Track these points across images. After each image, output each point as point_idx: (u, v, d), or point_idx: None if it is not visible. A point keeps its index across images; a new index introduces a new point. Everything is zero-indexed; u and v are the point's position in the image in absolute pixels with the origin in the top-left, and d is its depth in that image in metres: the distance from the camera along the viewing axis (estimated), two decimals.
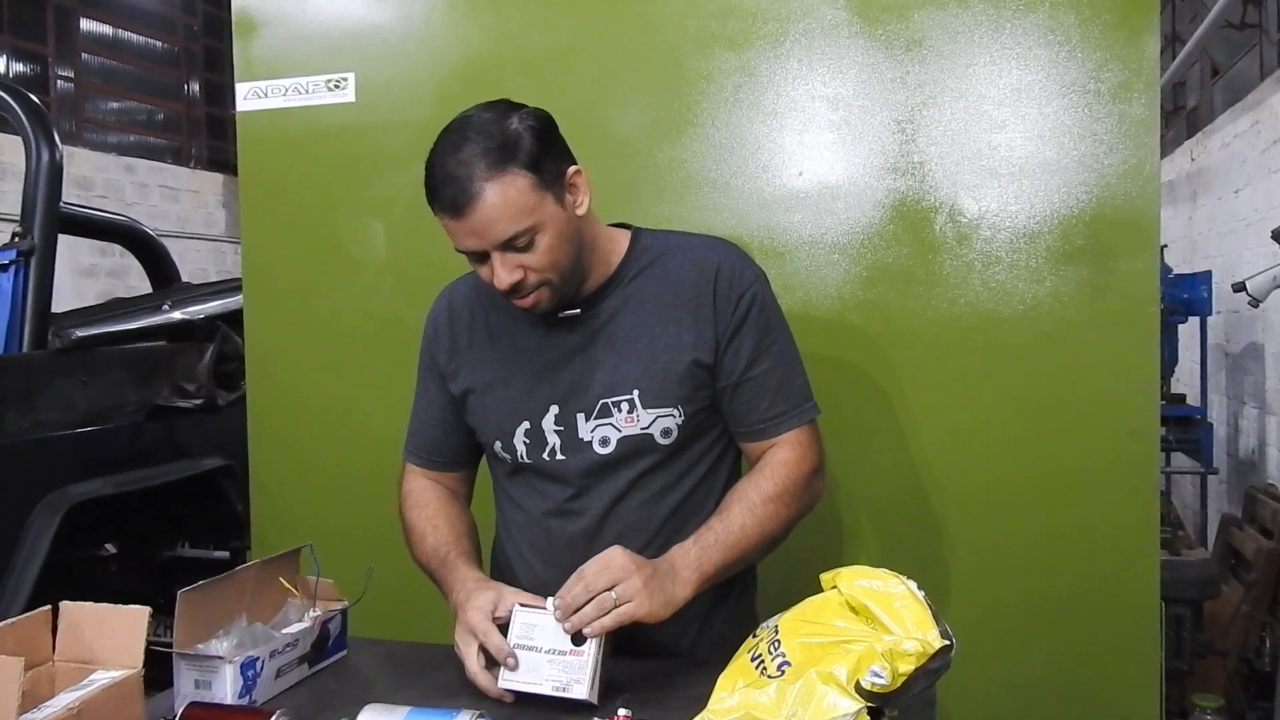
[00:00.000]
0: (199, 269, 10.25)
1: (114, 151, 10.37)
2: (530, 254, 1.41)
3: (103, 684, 1.10)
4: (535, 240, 1.40)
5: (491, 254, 1.41)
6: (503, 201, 1.37)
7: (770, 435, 1.55)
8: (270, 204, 2.37)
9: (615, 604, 1.34)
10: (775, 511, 1.49)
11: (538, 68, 2.15)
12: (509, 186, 1.37)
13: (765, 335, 1.53)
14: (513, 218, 1.38)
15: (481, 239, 1.39)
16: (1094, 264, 1.90)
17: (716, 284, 1.51)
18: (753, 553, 1.50)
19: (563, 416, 1.53)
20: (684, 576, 1.41)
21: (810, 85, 2.02)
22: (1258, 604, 3.71)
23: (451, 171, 1.37)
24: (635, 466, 1.52)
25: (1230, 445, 5.59)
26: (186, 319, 3.50)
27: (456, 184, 1.37)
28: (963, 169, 1.95)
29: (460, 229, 1.40)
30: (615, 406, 1.50)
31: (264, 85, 2.34)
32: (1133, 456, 1.91)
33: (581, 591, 1.35)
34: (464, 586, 1.47)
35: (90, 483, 2.89)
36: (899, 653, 1.10)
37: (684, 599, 1.40)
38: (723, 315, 1.51)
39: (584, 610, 1.34)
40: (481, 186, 1.36)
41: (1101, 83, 1.89)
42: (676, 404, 1.51)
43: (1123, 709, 1.93)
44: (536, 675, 1.34)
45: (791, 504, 1.51)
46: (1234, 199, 5.49)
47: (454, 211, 1.38)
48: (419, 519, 1.62)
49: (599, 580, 1.35)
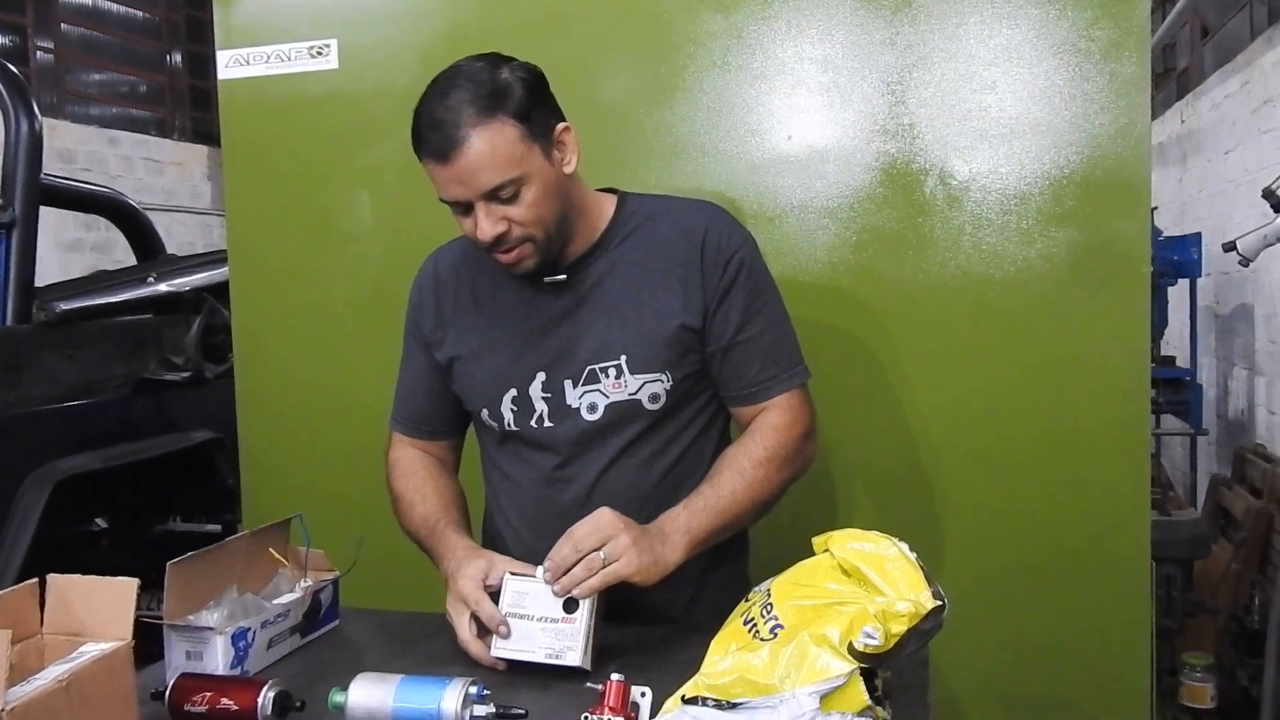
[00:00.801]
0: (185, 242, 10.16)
1: (96, 124, 10.25)
2: (515, 206, 1.39)
3: (92, 656, 1.09)
4: (521, 192, 1.39)
5: (476, 204, 1.39)
6: (490, 149, 1.35)
7: (761, 399, 1.54)
8: (254, 173, 2.34)
9: (604, 563, 1.34)
10: (766, 476, 1.49)
11: (525, 32, 2.12)
12: (497, 134, 1.36)
13: (754, 299, 1.52)
14: (499, 167, 1.36)
15: (466, 187, 1.38)
16: (1085, 226, 1.90)
17: (704, 248, 1.50)
18: (743, 517, 1.50)
19: (550, 383, 1.52)
20: (674, 540, 1.41)
21: (799, 47, 2.00)
22: (1247, 563, 3.74)
23: (439, 117, 1.36)
24: (624, 433, 1.51)
25: (1220, 406, 5.61)
26: (172, 291, 3.47)
27: (443, 129, 1.35)
28: (953, 130, 1.93)
29: (446, 176, 1.38)
30: (603, 372, 1.49)
31: (245, 53, 2.30)
32: (1124, 418, 1.91)
33: (570, 552, 1.35)
34: (454, 555, 1.46)
35: (78, 457, 2.88)
36: (891, 613, 1.10)
37: (674, 563, 1.40)
38: (710, 279, 1.50)
39: (573, 571, 1.34)
40: (468, 133, 1.35)
41: (1092, 41, 1.87)
42: (664, 369, 1.50)
43: (1114, 667, 1.94)
44: (529, 643, 1.34)
45: (783, 468, 1.51)
46: (1224, 160, 5.48)
47: (440, 158, 1.37)
48: (407, 488, 1.62)
49: (587, 540, 1.35)
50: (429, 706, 1.17)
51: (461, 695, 1.17)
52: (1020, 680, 1.98)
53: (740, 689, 1.11)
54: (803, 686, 1.07)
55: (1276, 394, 4.64)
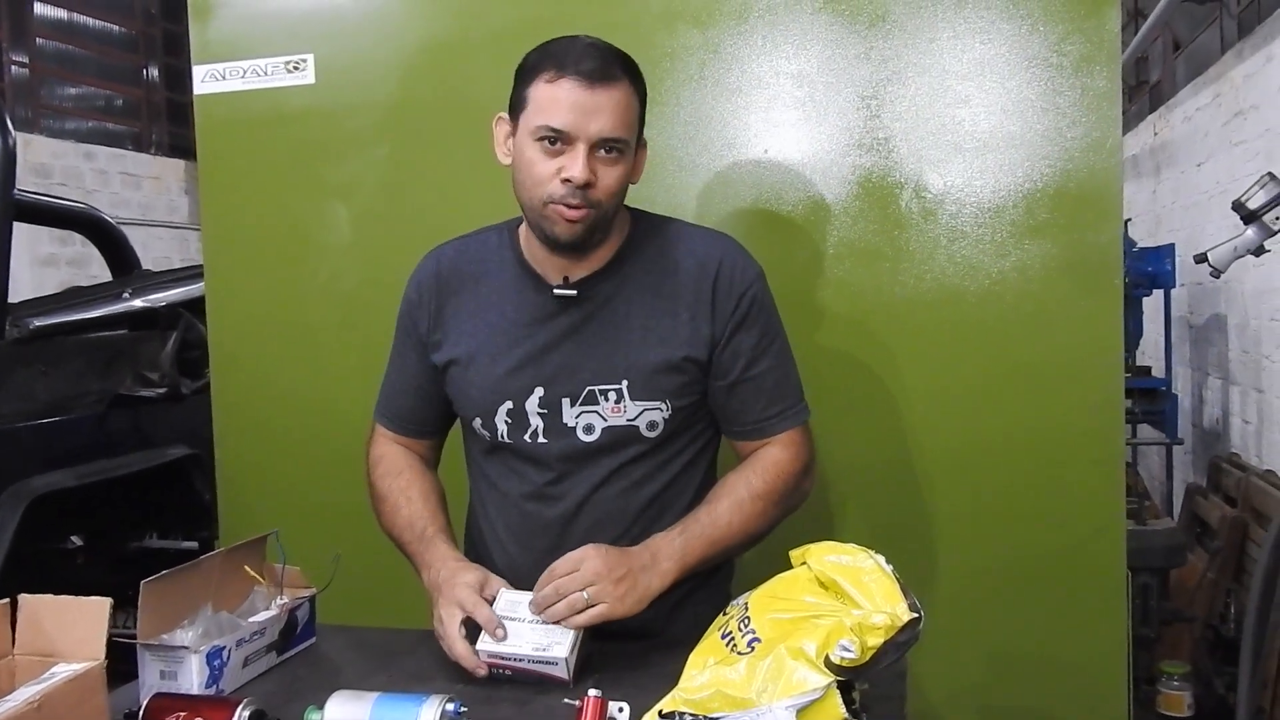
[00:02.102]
0: (163, 257, 10.09)
1: (72, 138, 10.17)
2: (609, 168, 1.41)
3: (64, 677, 1.08)
4: (617, 160, 1.42)
5: (581, 146, 1.38)
6: (627, 104, 1.40)
7: (765, 435, 1.54)
8: (231, 188, 2.33)
9: (587, 604, 1.34)
10: (763, 510, 1.49)
11: (501, 45, 2.10)
12: (632, 98, 1.42)
13: (764, 335, 1.52)
14: (627, 124, 1.40)
15: (592, 121, 1.37)
16: (1058, 237, 1.91)
17: (717, 281, 1.49)
18: (734, 549, 1.51)
19: (547, 399, 1.50)
20: (664, 567, 1.41)
21: (775, 62, 2.01)
22: (1223, 571, 3.77)
23: (595, 49, 1.40)
24: (618, 456, 1.50)
25: (1195, 416, 5.65)
26: (148, 307, 3.45)
27: (604, 60, 1.39)
28: (927, 144, 1.95)
29: (580, 100, 1.37)
30: (602, 395, 1.48)
31: (222, 67, 2.30)
32: (1098, 428, 1.93)
33: (551, 593, 1.35)
34: (446, 565, 1.46)
35: (53, 474, 2.85)
36: (868, 626, 1.10)
37: (659, 590, 1.40)
38: (721, 313, 1.49)
39: (555, 608, 1.34)
40: (619, 76, 1.40)
41: (1064, 56, 1.89)
42: (665, 398, 1.49)
43: (1091, 676, 1.95)
44: (518, 640, 1.34)
45: (779, 503, 1.51)
46: (1196, 172, 5.54)
47: (588, 80, 1.37)
48: (391, 488, 1.60)
49: (570, 584, 1.35)
50: None
51: (438, 712, 1.16)
52: (998, 691, 1.99)
53: (718, 703, 1.11)
54: (780, 700, 1.07)
55: (1250, 403, 4.68)
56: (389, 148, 2.20)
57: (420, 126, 2.18)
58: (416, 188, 2.17)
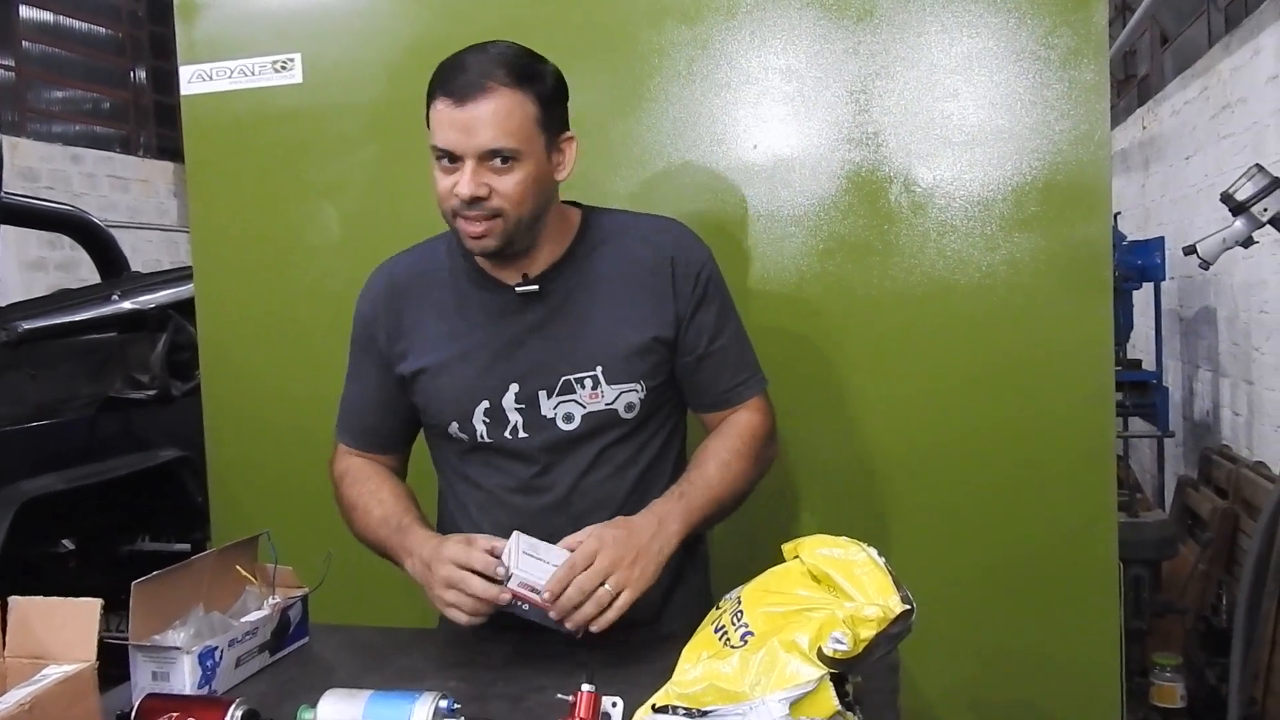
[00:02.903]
0: (152, 260, 10.07)
1: (59, 141, 10.15)
2: (503, 178, 1.41)
3: (55, 678, 1.07)
4: (513, 167, 1.41)
5: (466, 161, 1.40)
6: (505, 112, 1.39)
7: (734, 404, 1.61)
8: (219, 189, 2.32)
9: (613, 597, 1.36)
10: (744, 470, 1.55)
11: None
12: (516, 104, 1.40)
13: (721, 311, 1.59)
14: (507, 132, 1.39)
15: (467, 138, 1.39)
16: (1047, 230, 1.92)
17: (674, 263, 1.55)
18: (727, 508, 1.55)
19: (523, 394, 1.52)
20: (671, 530, 1.45)
21: (763, 57, 2.01)
22: (1214, 563, 3.78)
23: (470, 64, 1.41)
24: (599, 441, 1.54)
25: (1186, 408, 5.67)
26: (137, 309, 3.44)
27: (469, 75, 1.39)
28: (916, 138, 1.95)
29: (452, 119, 1.39)
30: (578, 383, 1.51)
31: (208, 68, 2.28)
32: (1089, 421, 1.93)
33: (575, 594, 1.35)
34: (427, 544, 1.46)
35: (43, 478, 2.84)
36: (860, 618, 1.10)
37: (670, 554, 1.44)
38: (682, 293, 1.54)
39: (583, 610, 1.35)
40: (493, 87, 1.39)
41: (1051, 49, 1.89)
42: (639, 379, 1.53)
43: (1084, 669, 1.96)
44: (545, 573, 1.36)
45: (756, 463, 1.58)
46: (1185, 165, 5.56)
47: (455, 98, 1.39)
48: (360, 494, 1.60)
49: (591, 581, 1.36)
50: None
51: (432, 709, 1.16)
52: (990, 683, 1.99)
53: (711, 697, 1.11)
54: (773, 693, 1.07)
55: (1240, 395, 4.70)
56: (377, 147, 2.20)
57: (409, 125, 2.15)
58: (405, 187, 2.16)
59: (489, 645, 1.49)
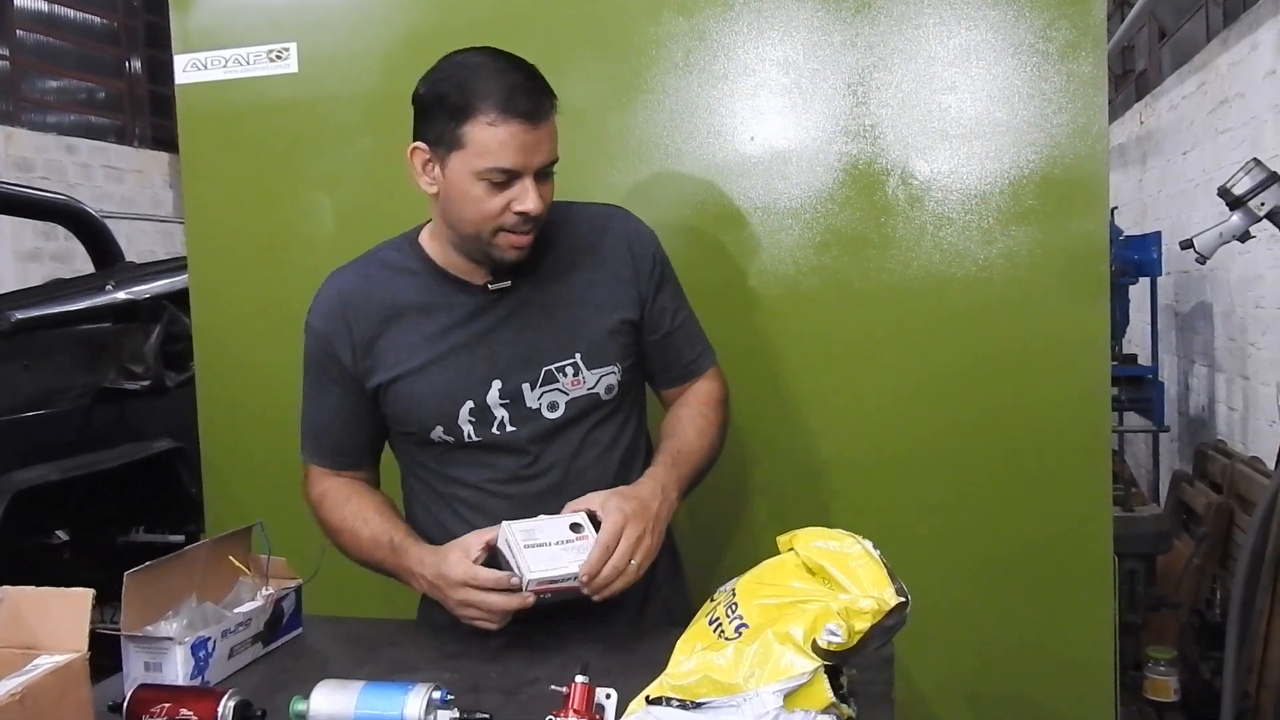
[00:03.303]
0: (147, 251, 10.04)
1: (54, 131, 10.12)
2: (546, 188, 1.46)
3: (47, 668, 1.07)
4: (552, 177, 1.47)
5: (528, 177, 1.42)
6: (555, 128, 1.46)
7: (695, 375, 1.69)
8: (214, 179, 2.31)
9: (637, 570, 1.41)
10: (715, 435, 1.64)
11: (485, 35, 2.07)
12: (555, 120, 1.46)
13: (676, 289, 1.67)
14: (555, 146, 1.46)
15: (537, 153, 1.42)
16: (1044, 224, 1.91)
17: (630, 246, 1.60)
18: (703, 471, 1.62)
19: (507, 390, 1.53)
20: (672, 497, 1.51)
21: (760, 49, 2.00)
22: (1208, 557, 3.79)
23: (534, 84, 1.43)
24: (584, 424, 1.57)
25: (1181, 403, 5.68)
26: (131, 299, 3.43)
27: (536, 94, 1.42)
28: (914, 131, 1.94)
29: (527, 139, 1.40)
30: (560, 372, 1.54)
31: (203, 57, 2.27)
32: (1084, 415, 1.93)
33: (611, 573, 1.38)
34: (427, 560, 1.46)
35: (37, 469, 2.84)
36: (855, 610, 1.10)
37: (669, 516, 1.50)
38: (642, 274, 1.60)
39: (614, 586, 1.39)
40: (551, 104, 1.45)
41: (1050, 42, 1.89)
42: (615, 361, 1.58)
43: (1078, 662, 1.96)
44: (556, 562, 1.38)
45: (722, 428, 1.66)
46: (1182, 160, 5.56)
47: (532, 121, 1.40)
48: (344, 517, 1.58)
49: (623, 559, 1.39)
50: (392, 713, 1.16)
51: (425, 701, 1.16)
52: (985, 677, 1.99)
53: (705, 689, 1.11)
54: (767, 685, 1.07)
55: (1236, 390, 4.71)
56: (373, 138, 2.18)
57: (404, 116, 2.12)
58: (401, 178, 2.12)
59: (482, 637, 1.48)
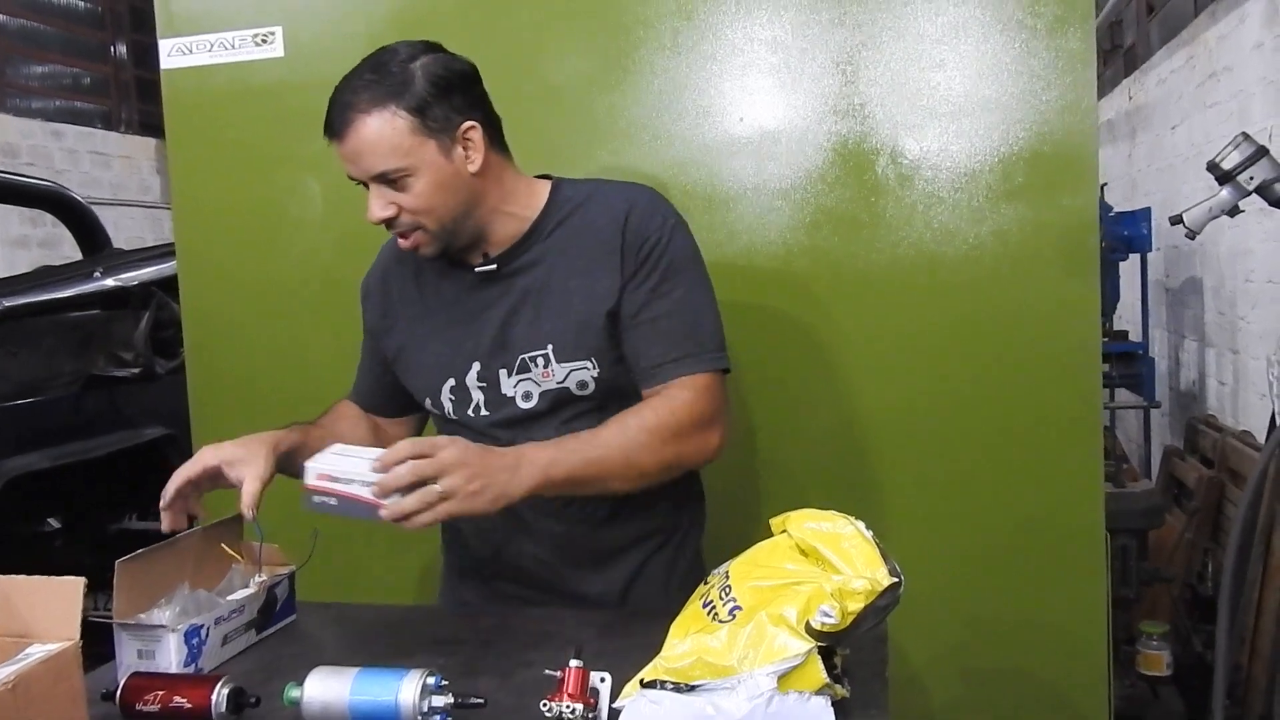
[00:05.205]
0: (135, 237, 10.00)
1: (39, 117, 10.04)
2: (405, 194, 1.44)
3: (39, 657, 1.06)
4: (409, 182, 1.43)
5: (371, 186, 1.45)
6: (376, 136, 1.40)
7: (661, 380, 1.48)
8: (201, 164, 2.30)
9: (440, 497, 1.29)
10: (648, 443, 1.43)
11: (474, 16, 2.09)
12: (385, 123, 1.40)
13: (666, 279, 1.49)
14: (384, 154, 1.41)
15: (356, 167, 1.44)
16: (1034, 201, 1.91)
17: (625, 229, 1.49)
18: (613, 477, 1.43)
19: (485, 373, 1.53)
20: (525, 473, 1.35)
21: (749, 28, 1.99)
22: (1200, 531, 3.80)
23: (338, 97, 1.43)
24: (557, 418, 1.51)
25: (1172, 379, 5.69)
26: (120, 286, 3.41)
27: (336, 109, 1.43)
28: (903, 109, 1.94)
29: (340, 154, 1.45)
30: (532, 361, 1.51)
31: (188, 41, 2.25)
32: (1076, 391, 1.93)
33: (406, 472, 1.28)
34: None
35: (26, 456, 2.83)
36: (848, 591, 1.10)
37: (517, 496, 1.35)
38: (628, 260, 1.49)
39: (406, 502, 1.28)
40: (356, 116, 1.41)
41: (1038, 18, 1.88)
42: (590, 356, 1.49)
43: (1072, 638, 1.97)
44: (354, 468, 1.31)
45: (670, 442, 1.44)
46: (1171, 135, 5.55)
47: (331, 134, 1.44)
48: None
49: (426, 468, 1.29)
50: (386, 698, 1.15)
51: (419, 686, 1.16)
52: (979, 653, 2.01)
53: (699, 671, 1.11)
54: (761, 667, 1.07)
55: (1226, 365, 4.72)
56: None
57: None
58: None
59: (477, 621, 1.49)
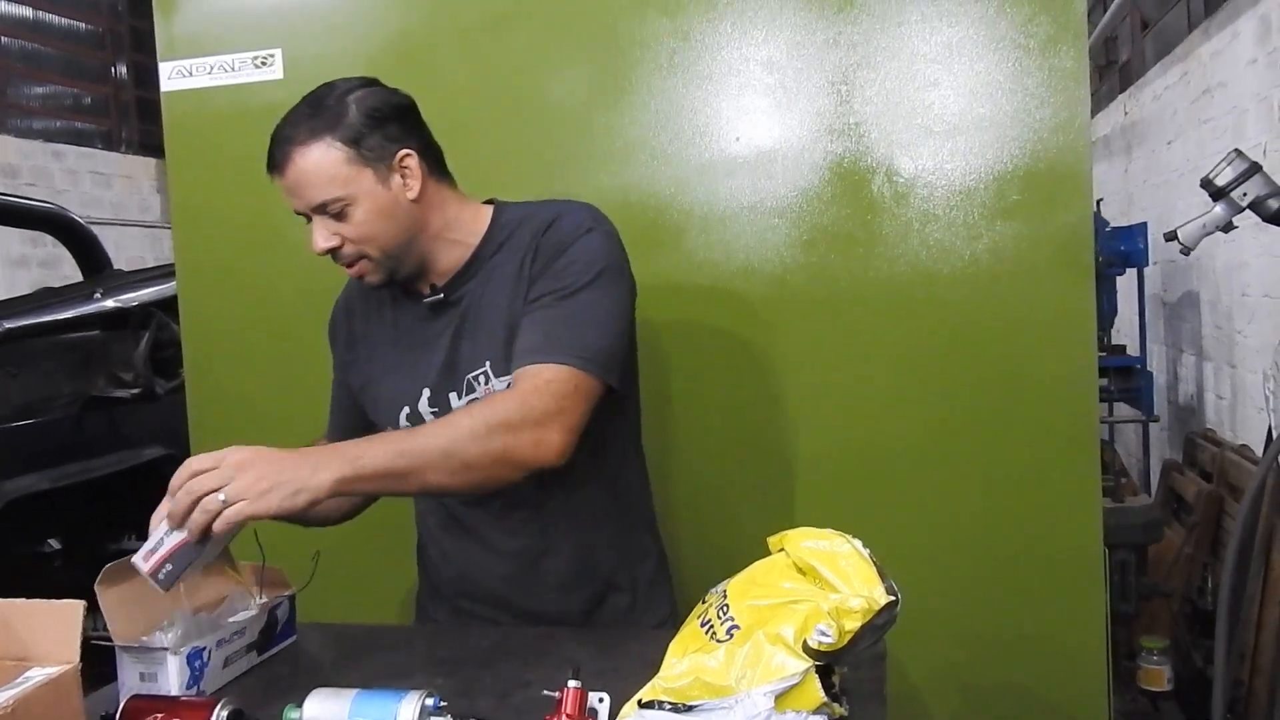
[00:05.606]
0: (135, 257, 10.00)
1: (40, 138, 10.07)
2: (345, 224, 1.46)
3: (38, 680, 1.07)
4: (349, 211, 1.46)
5: (312, 217, 1.47)
6: (314, 167, 1.44)
7: (516, 368, 1.43)
8: (200, 185, 2.31)
9: (224, 504, 1.23)
10: (474, 431, 1.34)
11: (471, 38, 2.11)
12: (321, 155, 1.43)
13: (563, 282, 1.45)
14: (322, 184, 1.44)
15: (298, 200, 1.47)
16: (1029, 218, 1.92)
17: (541, 238, 1.49)
18: (431, 469, 1.34)
19: (435, 398, 1.56)
20: (331, 466, 1.29)
21: (744, 49, 2.00)
22: (1199, 545, 3.80)
23: (277, 133, 1.47)
24: None
25: (1170, 393, 5.70)
26: (120, 307, 3.42)
27: (276, 144, 1.46)
28: (898, 128, 1.95)
29: (283, 188, 1.47)
30: (475, 380, 1.53)
31: (188, 64, 2.27)
32: (1073, 407, 1.94)
33: (184, 496, 1.24)
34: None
35: (26, 478, 2.84)
36: (845, 610, 1.10)
37: (322, 488, 1.27)
38: (537, 264, 1.48)
39: (193, 519, 1.24)
40: (294, 150, 1.44)
41: (1031, 37, 1.90)
42: None
43: (1071, 654, 1.97)
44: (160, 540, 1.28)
45: (499, 432, 1.35)
46: (1166, 150, 5.57)
47: (273, 169, 1.47)
48: None
49: (204, 483, 1.24)
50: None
51: (418, 707, 1.16)
52: (978, 670, 2.00)
53: (697, 691, 1.11)
54: (759, 686, 1.07)
55: (1224, 379, 4.72)
56: None
57: None
58: None
59: (475, 642, 1.49)
